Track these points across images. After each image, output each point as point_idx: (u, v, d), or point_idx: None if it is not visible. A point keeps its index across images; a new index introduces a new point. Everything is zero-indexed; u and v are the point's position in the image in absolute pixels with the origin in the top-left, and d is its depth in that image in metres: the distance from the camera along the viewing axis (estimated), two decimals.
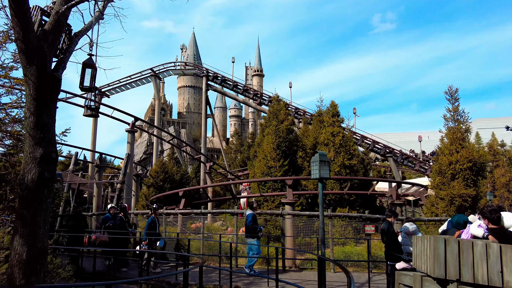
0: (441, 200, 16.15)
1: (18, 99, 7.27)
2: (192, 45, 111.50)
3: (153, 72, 41.63)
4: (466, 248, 4.05)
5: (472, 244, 4.05)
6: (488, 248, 3.98)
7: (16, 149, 7.28)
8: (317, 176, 7.38)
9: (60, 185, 15.14)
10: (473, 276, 3.95)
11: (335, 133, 20.51)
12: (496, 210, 4.40)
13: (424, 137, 60.57)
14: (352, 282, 3.02)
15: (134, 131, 22.79)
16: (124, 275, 9.40)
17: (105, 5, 5.61)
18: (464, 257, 4.03)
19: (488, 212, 4.40)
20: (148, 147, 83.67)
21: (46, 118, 4.40)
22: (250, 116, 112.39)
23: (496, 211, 4.37)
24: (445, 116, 17.79)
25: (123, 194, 22.34)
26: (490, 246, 3.96)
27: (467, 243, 4.08)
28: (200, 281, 4.12)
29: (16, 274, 4.04)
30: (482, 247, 4.00)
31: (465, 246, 4.06)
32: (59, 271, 6.07)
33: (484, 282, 3.91)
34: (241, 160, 48.44)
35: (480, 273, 3.94)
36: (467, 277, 3.97)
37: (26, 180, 4.27)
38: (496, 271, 3.88)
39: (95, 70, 5.24)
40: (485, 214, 4.45)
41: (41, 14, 4.70)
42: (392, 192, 16.54)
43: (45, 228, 4.36)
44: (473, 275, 3.95)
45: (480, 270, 3.94)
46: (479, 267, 3.95)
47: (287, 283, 7.25)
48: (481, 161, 16.61)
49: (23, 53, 4.27)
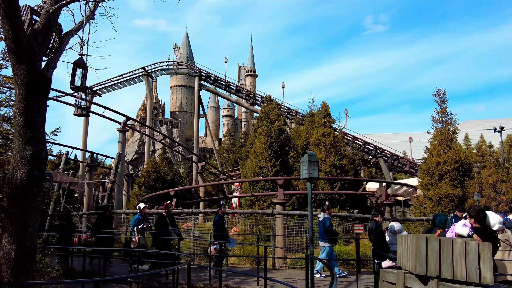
0: (429, 200, 16.45)
1: (7, 97, 7.25)
2: (185, 44, 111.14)
3: (146, 71, 41.44)
4: (446, 246, 4.19)
5: (452, 242, 4.20)
6: (466, 245, 4.13)
7: (5, 148, 7.25)
8: (306, 176, 7.49)
9: (50, 184, 15.02)
10: (452, 272, 4.10)
11: (326, 133, 20.71)
12: (482, 210, 4.57)
13: (415, 138, 61.35)
14: (335, 279, 3.13)
15: (125, 131, 22.69)
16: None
17: (96, 5, 5.64)
18: (444, 255, 4.17)
19: (475, 212, 4.57)
20: (140, 146, 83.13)
21: (35, 117, 4.42)
22: (243, 116, 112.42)
23: (482, 212, 4.54)
24: (434, 118, 18.12)
25: (114, 193, 22.23)
26: (469, 244, 4.12)
27: (447, 241, 4.23)
28: (188, 278, 4.20)
29: (5, 272, 4.06)
30: (461, 244, 4.15)
31: (445, 244, 4.20)
32: (48, 270, 6.07)
33: (462, 278, 4.06)
34: (234, 160, 48.48)
35: (459, 269, 4.09)
36: (446, 274, 4.12)
37: (15, 179, 4.29)
38: (474, 268, 4.04)
39: (86, 70, 5.27)
40: (471, 214, 4.60)
41: (31, 14, 4.72)
42: (381, 192, 16.78)
43: (34, 227, 4.39)
44: (452, 272, 4.10)
45: (459, 267, 4.09)
46: (458, 264, 4.10)
47: (276, 281, 7.36)
48: (468, 162, 16.96)
49: (12, 52, 4.29)
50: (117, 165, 21.53)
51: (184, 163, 63.07)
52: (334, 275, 3.63)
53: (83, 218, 17.53)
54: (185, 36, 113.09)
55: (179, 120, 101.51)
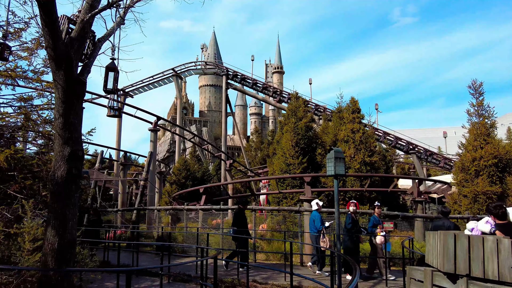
0: (464, 198, 15.74)
1: (49, 101, 7.77)
2: (213, 44, 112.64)
3: (175, 72, 42.47)
4: (476, 243, 4.07)
5: (483, 239, 4.06)
6: (499, 243, 3.98)
7: (48, 148, 7.81)
8: (332, 173, 7.44)
9: (87, 182, 15.90)
10: (483, 271, 3.97)
11: (355, 129, 20.32)
12: (500, 205, 4.50)
13: (451, 133, 58.65)
14: (357, 274, 3.16)
15: (157, 130, 23.48)
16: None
17: (126, 11, 5.93)
18: (474, 252, 4.05)
19: (493, 207, 4.53)
20: (171, 145, 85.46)
21: (73, 119, 4.76)
22: (270, 114, 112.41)
23: (500, 207, 4.47)
24: (469, 111, 17.26)
25: (147, 191, 23.09)
26: (501, 241, 3.97)
27: (477, 238, 4.10)
28: (215, 272, 4.36)
29: (49, 261, 4.43)
30: (493, 242, 4.01)
31: (475, 241, 4.08)
32: (86, 261, 6.52)
33: (494, 277, 3.92)
34: (261, 157, 48.71)
35: (490, 268, 3.95)
36: (477, 272, 4.00)
37: (56, 176, 4.65)
38: (507, 266, 3.89)
39: (117, 73, 5.57)
40: (490, 209, 4.57)
41: (68, 23, 5.06)
42: (413, 189, 16.27)
43: (73, 220, 4.74)
44: (483, 270, 3.97)
45: (490, 265, 3.96)
46: (489, 262, 3.96)
47: (303, 277, 7.40)
48: (508, 157, 16.02)
49: (52, 59, 4.64)
50: (149, 164, 22.34)
51: (213, 161, 64.15)
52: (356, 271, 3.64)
53: (117, 214, 18.39)
54: (213, 35, 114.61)
55: (208, 119, 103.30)
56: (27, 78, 7.55)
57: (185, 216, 14.58)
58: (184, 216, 14.41)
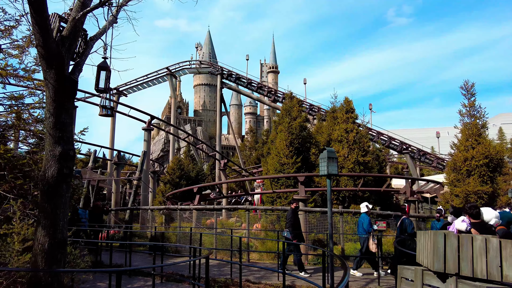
0: (456, 197, 15.91)
1: (40, 100, 7.69)
2: (208, 43, 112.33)
3: (169, 71, 42.29)
4: (466, 243, 4.12)
5: (472, 239, 4.12)
6: (488, 242, 4.04)
7: (39, 147, 7.72)
8: (325, 173, 7.50)
9: (79, 182, 15.77)
10: (472, 270, 4.02)
11: (349, 129, 20.40)
12: (475, 206, 4.89)
13: (444, 133, 59.22)
14: (348, 273, 3.18)
15: (150, 129, 23.37)
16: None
17: (118, 10, 5.89)
18: (463, 252, 4.10)
19: (468, 208, 4.88)
20: (165, 144, 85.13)
21: (64, 118, 4.72)
22: (265, 113, 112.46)
23: (475, 207, 4.84)
24: (461, 112, 17.46)
25: (140, 190, 22.98)
26: (490, 241, 4.02)
27: (467, 238, 4.15)
28: (207, 271, 4.36)
29: (40, 261, 4.39)
30: (481, 241, 4.06)
31: (465, 241, 4.13)
32: (78, 262, 6.47)
33: (483, 276, 3.97)
34: (256, 157, 48.74)
35: (479, 267, 4.00)
36: (466, 271, 4.05)
37: (47, 176, 4.61)
38: (495, 266, 3.94)
39: (109, 72, 5.53)
40: (466, 210, 4.90)
41: (59, 21, 5.01)
42: (406, 189, 16.40)
43: (64, 220, 4.70)
44: (472, 269, 4.03)
45: (479, 264, 4.01)
46: (478, 262, 4.01)
47: (296, 277, 7.44)
48: (499, 157, 16.23)
49: (43, 58, 4.59)
50: (143, 163, 22.23)
51: (208, 161, 64.02)
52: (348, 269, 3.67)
53: (111, 214, 18.27)
54: (207, 35, 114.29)
55: (202, 118, 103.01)
56: (18, 76, 7.45)
57: (179, 216, 14.54)
58: (178, 216, 14.37)
